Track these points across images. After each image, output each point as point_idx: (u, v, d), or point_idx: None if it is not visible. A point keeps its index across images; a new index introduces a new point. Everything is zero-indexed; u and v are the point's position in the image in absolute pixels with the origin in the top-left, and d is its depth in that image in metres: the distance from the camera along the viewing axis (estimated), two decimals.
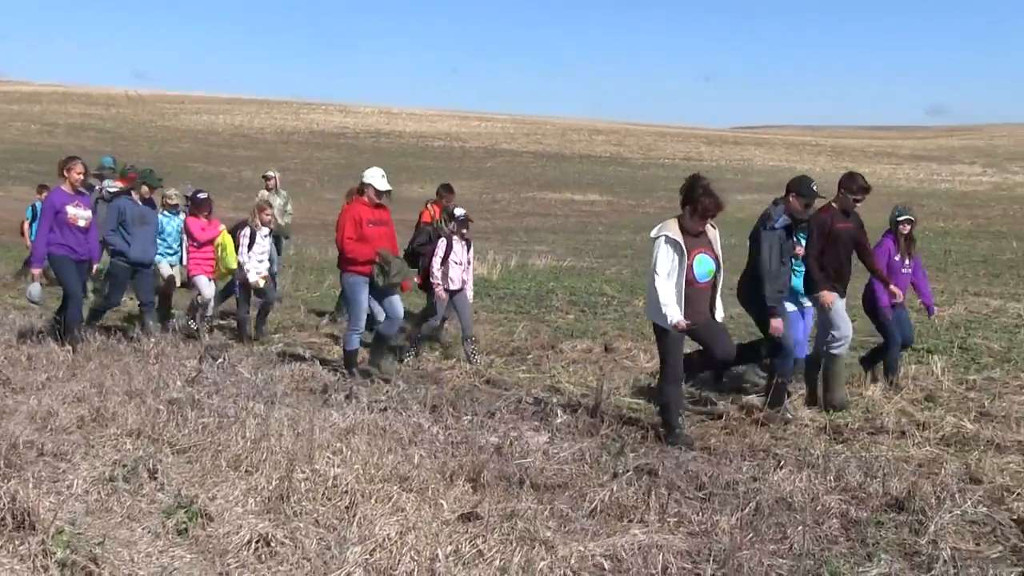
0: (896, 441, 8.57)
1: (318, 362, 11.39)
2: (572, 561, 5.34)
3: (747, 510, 6.26)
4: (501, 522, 5.78)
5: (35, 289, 12.76)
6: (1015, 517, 6.35)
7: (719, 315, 8.74)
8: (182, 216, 13.72)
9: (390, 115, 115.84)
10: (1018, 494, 6.87)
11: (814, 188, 9.57)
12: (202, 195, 13.74)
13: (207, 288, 13.33)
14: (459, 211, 13.06)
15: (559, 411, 9.26)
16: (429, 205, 14.45)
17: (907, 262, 11.04)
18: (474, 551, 5.36)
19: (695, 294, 8.48)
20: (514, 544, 5.39)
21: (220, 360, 10.64)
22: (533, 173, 66.99)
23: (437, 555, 5.28)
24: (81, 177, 11.97)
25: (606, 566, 5.40)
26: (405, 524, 5.63)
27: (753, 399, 10.02)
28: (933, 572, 5.42)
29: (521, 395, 10.13)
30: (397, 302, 11.17)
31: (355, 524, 5.72)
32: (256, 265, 13.24)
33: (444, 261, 12.51)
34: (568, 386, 10.79)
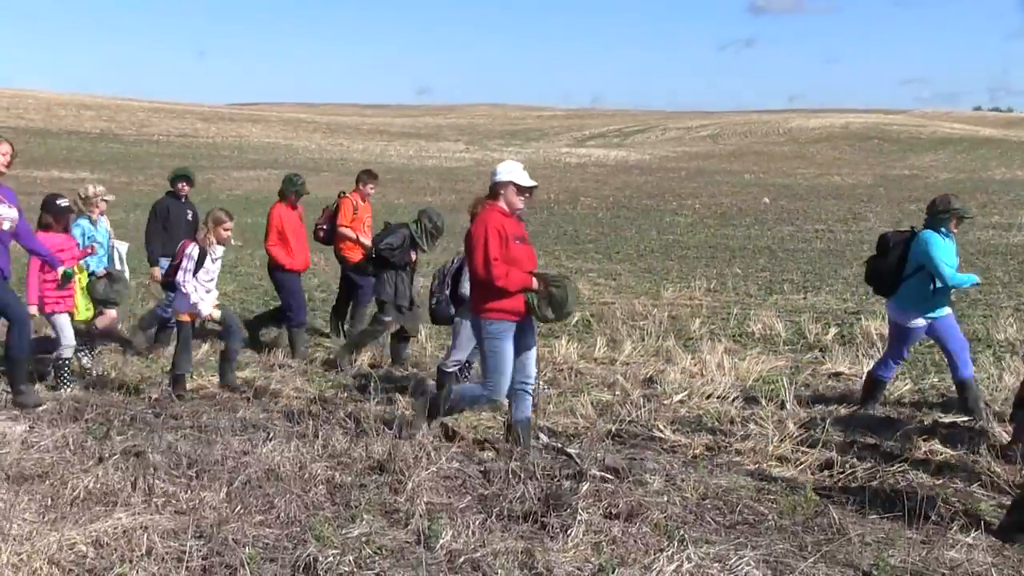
0: (382, 407, 8.94)
1: None
2: (51, 551, 5.13)
3: (236, 484, 6.31)
4: None
5: None
6: (482, 469, 6.89)
7: None
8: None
9: None
10: (489, 447, 7.47)
11: None
12: (63, 201, 10.26)
13: (68, 329, 9.87)
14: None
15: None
16: (349, 195, 12.64)
17: None
18: None
19: None
20: None
21: None
22: (16, 150, 62.57)
23: None
24: (7, 160, 9.00)
25: (89, 553, 5.25)
26: None
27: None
28: (409, 527, 5.76)
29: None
30: (534, 358, 8.02)
31: None
32: (203, 295, 9.63)
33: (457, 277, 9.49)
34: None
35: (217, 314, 9.71)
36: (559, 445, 7.62)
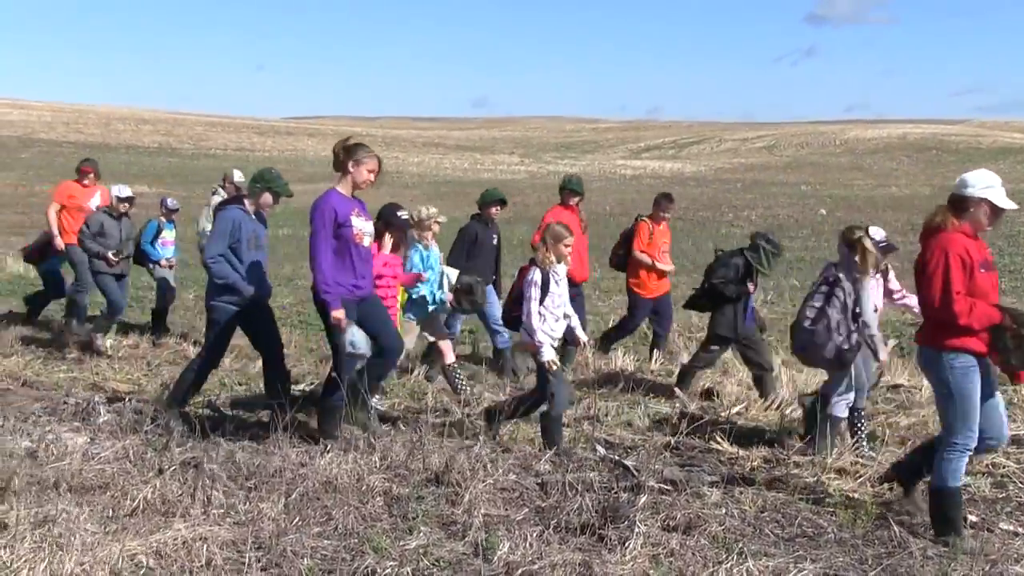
0: (438, 419, 8.96)
1: None
2: (112, 562, 5.18)
3: (293, 496, 6.34)
4: (32, 529, 5.49)
5: (360, 337, 7.82)
6: (539, 481, 6.87)
7: None
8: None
9: None
10: (541, 459, 7.46)
11: None
12: (404, 214, 9.21)
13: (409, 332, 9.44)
14: (877, 230, 8.73)
15: (102, 409, 8.92)
16: (645, 218, 12.19)
17: None
18: None
19: None
20: (47, 550, 5.15)
21: None
22: (75, 164, 63.54)
23: None
24: (373, 177, 7.86)
25: (149, 564, 5.30)
26: None
27: None
28: (467, 539, 5.75)
29: (61, 396, 9.67)
30: (1003, 409, 6.70)
31: None
32: (552, 325, 8.19)
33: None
34: (114, 383, 10.41)
35: (553, 361, 8.06)
36: (616, 457, 7.58)
